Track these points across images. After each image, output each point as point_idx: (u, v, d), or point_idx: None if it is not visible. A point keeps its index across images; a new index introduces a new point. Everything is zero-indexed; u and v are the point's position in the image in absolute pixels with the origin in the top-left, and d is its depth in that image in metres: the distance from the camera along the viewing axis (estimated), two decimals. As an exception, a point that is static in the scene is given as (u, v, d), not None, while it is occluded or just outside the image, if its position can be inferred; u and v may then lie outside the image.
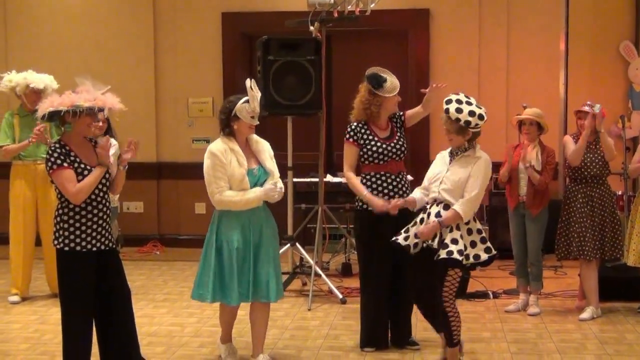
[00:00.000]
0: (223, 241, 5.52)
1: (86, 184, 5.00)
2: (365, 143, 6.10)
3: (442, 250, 5.30)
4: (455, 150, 5.51)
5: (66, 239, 5.05)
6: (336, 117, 9.64)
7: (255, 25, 10.24)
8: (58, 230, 5.10)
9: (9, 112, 7.85)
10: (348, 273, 8.69)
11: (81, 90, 5.08)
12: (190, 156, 10.47)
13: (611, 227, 7.05)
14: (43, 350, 6.23)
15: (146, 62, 10.53)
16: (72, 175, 4.98)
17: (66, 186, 4.96)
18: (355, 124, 6.17)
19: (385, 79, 6.15)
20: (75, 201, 5.02)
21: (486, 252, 5.37)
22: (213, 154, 5.48)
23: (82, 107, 4.98)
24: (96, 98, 5.06)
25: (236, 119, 5.53)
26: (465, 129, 5.39)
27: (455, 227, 5.35)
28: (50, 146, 5.09)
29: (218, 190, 5.45)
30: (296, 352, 6.16)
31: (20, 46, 10.64)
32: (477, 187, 5.34)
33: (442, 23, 10.13)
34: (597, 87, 9.64)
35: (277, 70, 7.72)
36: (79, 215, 5.06)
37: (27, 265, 7.79)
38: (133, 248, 10.17)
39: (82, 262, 5.09)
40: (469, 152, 5.46)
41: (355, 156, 6.13)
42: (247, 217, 5.53)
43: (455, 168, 5.43)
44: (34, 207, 7.71)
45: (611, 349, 6.19)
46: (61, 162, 4.99)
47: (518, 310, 7.23)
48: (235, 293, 5.48)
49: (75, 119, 5.02)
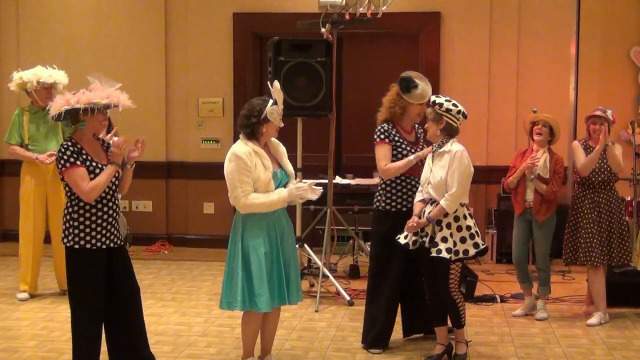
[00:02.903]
0: (250, 247, 5.36)
1: (99, 182, 5.03)
2: (396, 145, 6.16)
3: (433, 249, 5.71)
4: (434, 146, 5.85)
5: (76, 237, 5.07)
6: (346, 119, 9.66)
7: (267, 26, 10.25)
8: (68, 228, 5.11)
9: (19, 109, 7.88)
10: (356, 275, 8.70)
11: (94, 87, 5.09)
12: (200, 156, 10.51)
13: (619, 233, 7.03)
14: (51, 348, 6.25)
15: (157, 62, 10.54)
16: (85, 174, 5.00)
17: (79, 184, 4.98)
18: (386, 126, 6.20)
19: (416, 85, 6.19)
20: (87, 199, 5.03)
21: (475, 248, 5.77)
22: (238, 156, 5.31)
23: (99, 104, 5.02)
24: (110, 95, 5.09)
25: (266, 121, 5.42)
26: (440, 115, 5.75)
27: (445, 226, 5.72)
28: (62, 144, 5.09)
29: (244, 194, 5.29)
30: (303, 353, 6.16)
31: (32, 45, 10.67)
32: (455, 181, 5.66)
33: (453, 26, 10.13)
34: (607, 92, 9.62)
35: (287, 72, 7.73)
36: (89, 213, 5.08)
37: (36, 263, 7.82)
38: (141, 247, 10.18)
39: (92, 260, 5.11)
40: (444, 148, 5.77)
41: (389, 153, 6.15)
42: (272, 220, 5.43)
43: (436, 168, 5.76)
44: (44, 204, 7.74)
45: (619, 354, 6.19)
46: (74, 160, 5.00)
47: (525, 314, 7.22)
48: (265, 299, 5.33)
49: (89, 117, 5.06)
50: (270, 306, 5.38)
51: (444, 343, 5.99)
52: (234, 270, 5.39)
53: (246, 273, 5.35)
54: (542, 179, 7.05)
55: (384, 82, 10.56)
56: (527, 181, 7.11)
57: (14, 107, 8.80)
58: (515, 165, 7.21)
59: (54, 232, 7.79)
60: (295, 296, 5.56)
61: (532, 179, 7.04)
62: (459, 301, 5.87)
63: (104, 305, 5.20)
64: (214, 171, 6.03)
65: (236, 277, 5.36)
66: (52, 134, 7.77)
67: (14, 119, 7.78)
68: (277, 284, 5.42)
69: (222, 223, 9.65)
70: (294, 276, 5.57)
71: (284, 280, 5.44)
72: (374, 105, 6.43)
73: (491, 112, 9.75)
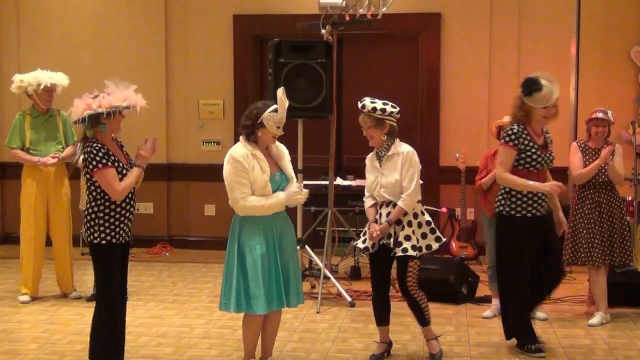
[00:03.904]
0: (246, 249, 5.39)
1: (129, 183, 5.26)
2: (526, 149, 6.06)
3: (398, 249, 5.80)
4: (379, 151, 5.90)
5: (102, 233, 5.26)
6: (346, 120, 9.66)
7: (267, 28, 10.25)
8: (93, 225, 5.28)
9: (21, 112, 7.89)
10: (357, 276, 8.70)
11: (112, 90, 5.29)
12: (201, 158, 10.52)
13: (620, 233, 7.03)
14: (52, 350, 6.25)
15: (157, 64, 10.56)
16: (115, 174, 5.22)
17: (112, 184, 5.18)
18: (516, 127, 6.09)
19: (539, 88, 6.02)
20: (117, 198, 5.24)
21: (437, 241, 5.91)
22: (235, 159, 5.35)
23: (120, 107, 5.24)
24: (127, 97, 5.30)
25: (261, 126, 5.41)
26: (382, 120, 5.78)
27: (406, 224, 5.83)
28: (92, 146, 5.21)
29: (242, 197, 5.33)
30: (305, 355, 6.16)
31: (32, 47, 10.69)
32: (410, 181, 5.77)
33: (453, 27, 10.14)
34: (607, 92, 9.63)
35: (288, 73, 7.73)
36: (114, 211, 5.27)
37: (37, 265, 7.82)
38: (142, 249, 10.18)
39: (116, 253, 5.35)
40: (392, 150, 5.84)
41: (512, 159, 6.07)
42: (269, 223, 5.44)
43: (387, 170, 5.84)
44: (45, 207, 7.74)
45: (620, 354, 6.18)
46: (106, 161, 5.19)
47: (494, 316, 7.18)
48: (261, 301, 5.34)
49: (110, 119, 5.24)
50: (267, 308, 5.38)
51: (386, 341, 6.12)
52: (231, 272, 5.42)
53: (242, 275, 5.39)
54: None
55: (385, 83, 10.65)
56: None
57: (15, 110, 8.83)
58: (486, 166, 7.17)
59: (55, 234, 7.81)
60: (294, 299, 5.56)
61: None
62: (421, 298, 5.93)
63: None
64: (215, 173, 6.03)
65: (231, 278, 5.40)
66: (52, 138, 7.78)
67: (15, 122, 7.79)
68: (274, 287, 5.41)
69: (223, 225, 9.55)
70: (293, 278, 5.56)
71: (281, 283, 5.43)
72: (374, 106, 6.41)
73: (492, 113, 9.72)
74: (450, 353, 6.17)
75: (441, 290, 7.63)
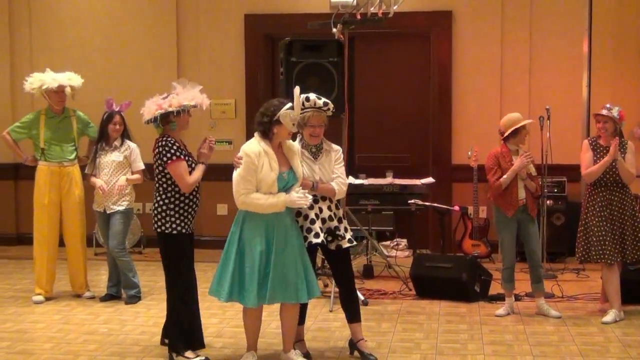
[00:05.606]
0: (246, 243, 5.55)
1: (197, 178, 5.80)
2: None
3: (344, 240, 5.90)
4: (313, 147, 5.90)
5: (173, 224, 5.74)
6: (358, 118, 9.65)
7: (278, 27, 10.27)
8: (164, 217, 5.75)
9: (37, 110, 7.92)
10: (369, 275, 8.70)
11: (179, 91, 5.80)
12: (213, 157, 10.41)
13: (632, 230, 7.00)
14: (67, 350, 6.27)
15: (169, 63, 10.57)
16: (187, 167, 5.74)
17: (184, 176, 5.71)
18: None
19: None
20: (187, 190, 5.75)
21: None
22: (247, 155, 5.50)
23: (188, 106, 5.77)
24: (194, 97, 5.83)
25: (278, 123, 5.54)
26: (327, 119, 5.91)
27: (343, 217, 5.98)
28: (166, 139, 5.74)
29: (244, 192, 5.48)
30: (319, 354, 6.17)
31: (45, 48, 10.73)
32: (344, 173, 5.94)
33: (464, 25, 10.13)
34: (619, 89, 9.60)
35: (299, 72, 7.74)
36: (183, 202, 5.78)
37: (50, 265, 7.85)
38: (155, 249, 10.11)
39: (186, 243, 5.85)
40: (325, 147, 5.95)
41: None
42: (272, 221, 5.54)
43: (325, 165, 5.91)
44: (57, 208, 7.78)
45: (634, 352, 6.16)
46: (179, 154, 5.71)
47: (508, 314, 7.19)
48: (252, 295, 5.51)
49: (179, 117, 5.78)
50: (255, 303, 5.55)
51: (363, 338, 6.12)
52: (227, 262, 5.60)
53: (239, 267, 5.56)
54: (530, 176, 7.08)
55: (396, 81, 10.62)
56: (519, 180, 7.10)
57: (27, 109, 8.87)
58: (499, 165, 7.13)
59: (68, 235, 7.84)
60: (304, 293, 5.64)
61: (525, 179, 7.06)
62: None
63: None
64: (227, 172, 6.02)
65: (227, 268, 5.58)
66: (66, 139, 7.80)
67: (26, 118, 7.81)
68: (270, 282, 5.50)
69: (235, 224, 9.65)
70: (302, 273, 5.61)
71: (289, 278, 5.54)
72: (386, 104, 6.42)
73: (503, 110, 9.69)
74: (463, 351, 6.17)
75: (454, 289, 7.63)
